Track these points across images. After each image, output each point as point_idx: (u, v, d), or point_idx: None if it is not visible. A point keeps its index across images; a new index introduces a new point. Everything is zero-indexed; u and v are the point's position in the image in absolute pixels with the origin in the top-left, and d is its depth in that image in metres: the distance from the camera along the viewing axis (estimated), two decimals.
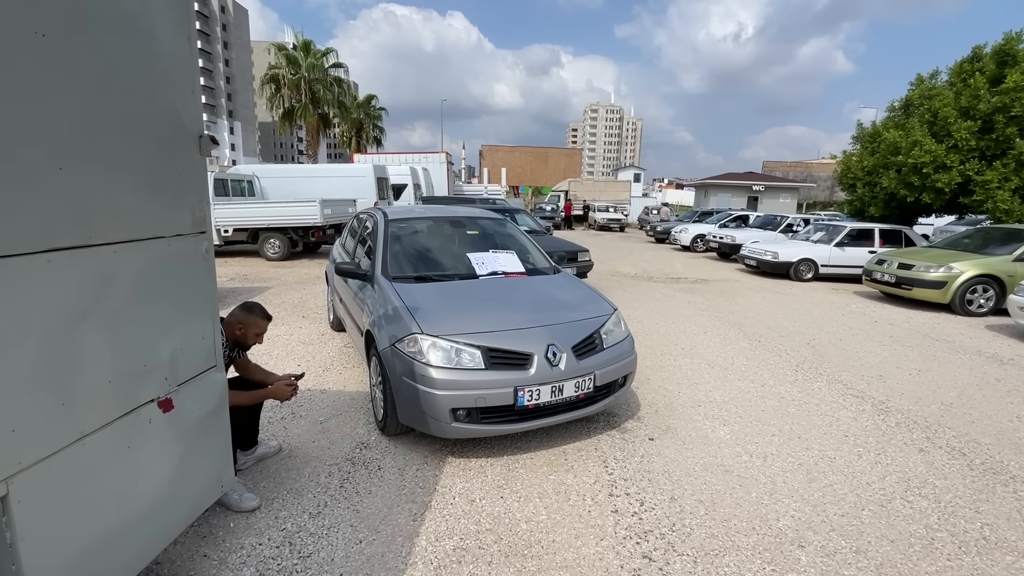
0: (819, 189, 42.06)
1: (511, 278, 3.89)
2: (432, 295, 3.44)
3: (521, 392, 2.89)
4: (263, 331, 2.78)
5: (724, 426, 3.68)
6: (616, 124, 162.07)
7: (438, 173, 24.05)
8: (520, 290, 3.68)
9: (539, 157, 46.81)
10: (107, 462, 1.53)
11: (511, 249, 4.31)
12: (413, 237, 4.25)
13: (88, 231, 1.43)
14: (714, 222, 18.07)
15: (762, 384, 4.57)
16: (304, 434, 3.42)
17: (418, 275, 3.75)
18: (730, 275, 11.75)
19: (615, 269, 12.09)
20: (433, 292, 3.49)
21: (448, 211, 4.96)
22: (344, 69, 28.65)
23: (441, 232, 4.42)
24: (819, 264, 10.90)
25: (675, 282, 10.53)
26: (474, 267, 3.88)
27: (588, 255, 8.69)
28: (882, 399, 4.31)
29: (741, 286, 10.17)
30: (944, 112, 10.20)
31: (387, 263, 3.82)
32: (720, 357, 5.33)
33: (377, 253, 3.93)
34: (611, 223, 27.20)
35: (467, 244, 4.31)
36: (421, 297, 3.36)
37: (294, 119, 25.91)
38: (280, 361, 4.83)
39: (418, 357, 2.90)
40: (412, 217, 4.50)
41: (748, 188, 32.95)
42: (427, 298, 3.37)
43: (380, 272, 3.73)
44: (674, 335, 6.20)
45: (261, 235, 12.13)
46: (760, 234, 14.25)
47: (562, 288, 3.85)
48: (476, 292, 3.55)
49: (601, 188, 36.00)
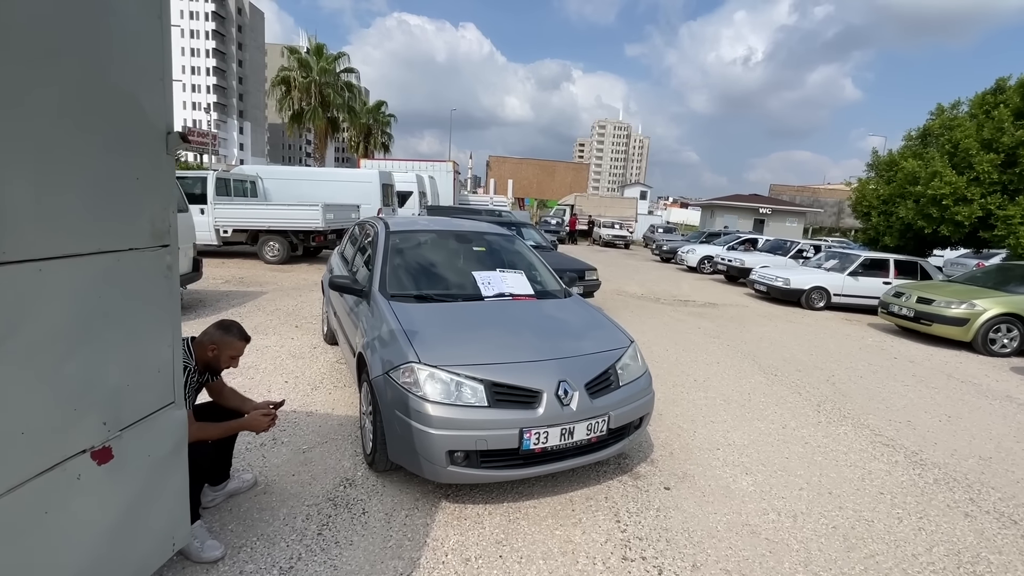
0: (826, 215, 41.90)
1: (519, 301, 3.58)
2: (433, 318, 3.13)
3: (527, 434, 2.57)
4: (239, 353, 2.47)
5: (746, 475, 3.35)
6: (623, 141, 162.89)
7: (444, 182, 23.91)
8: (529, 316, 3.37)
9: (546, 170, 46.75)
10: (14, 535, 1.22)
11: (519, 268, 4.02)
12: (416, 251, 3.96)
13: (1, 244, 1.13)
14: (722, 244, 17.80)
15: (783, 425, 4.24)
16: (284, 465, 3.09)
17: (419, 294, 3.44)
18: (739, 300, 11.43)
19: (621, 288, 11.79)
20: (434, 314, 3.19)
21: (454, 224, 4.68)
22: (355, 75, 28.69)
23: (446, 247, 4.12)
24: (832, 293, 10.58)
25: (683, 305, 10.22)
26: (480, 287, 3.57)
27: (596, 274, 8.39)
28: (915, 449, 3.97)
29: (751, 312, 9.85)
30: (966, 143, 9.96)
31: (386, 279, 3.52)
32: (736, 392, 5.00)
33: (376, 267, 3.64)
34: (616, 240, 26.96)
35: (473, 261, 4.01)
36: (420, 320, 3.05)
37: (303, 122, 25.83)
38: (267, 376, 4.51)
39: (413, 389, 2.58)
40: (416, 229, 4.21)
41: (755, 211, 32.77)
42: (427, 321, 3.06)
43: (377, 288, 3.43)
44: (686, 364, 5.87)
45: (261, 237, 11.87)
46: (769, 259, 13.95)
47: (574, 314, 3.54)
48: (481, 316, 3.25)
49: (607, 204, 35.78)
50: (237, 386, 4.35)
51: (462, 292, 3.58)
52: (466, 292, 3.59)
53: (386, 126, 37.03)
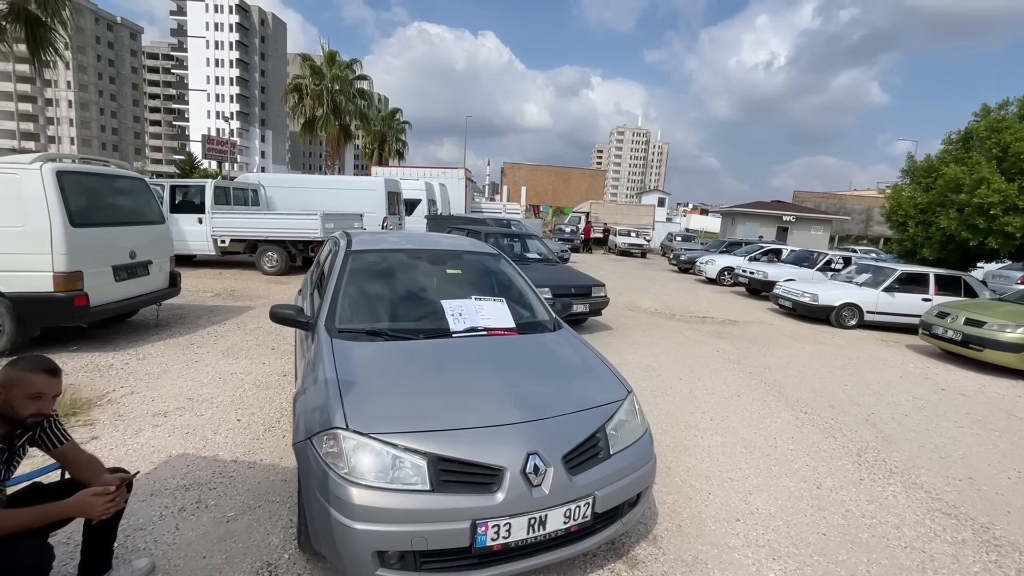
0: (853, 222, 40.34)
1: (495, 337, 2.98)
2: (381, 362, 2.54)
3: (483, 527, 1.95)
4: (43, 391, 1.77)
5: (775, 561, 2.67)
6: (642, 147, 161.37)
7: (456, 189, 23.48)
8: (503, 358, 2.76)
9: (562, 177, 46.07)
10: None
11: (501, 295, 3.41)
12: (378, 275, 3.38)
13: None
14: (743, 254, 16.93)
15: (818, 484, 3.53)
16: (198, 540, 2.52)
17: (372, 329, 2.86)
18: (762, 316, 10.62)
19: (634, 302, 11.08)
20: (384, 357, 2.60)
21: (429, 242, 4.09)
22: (368, 81, 28.56)
23: (415, 269, 3.53)
24: (864, 310, 9.71)
25: (701, 322, 9.47)
26: (448, 320, 2.98)
27: (603, 290, 7.74)
28: (984, 521, 3.23)
29: (775, 332, 9.05)
30: (1017, 147, 9.04)
31: (336, 309, 2.95)
32: (759, 436, 4.29)
33: (326, 295, 3.08)
34: (632, 248, 26.17)
35: (446, 287, 3.42)
36: (364, 365, 2.47)
37: (315, 129, 25.74)
38: (220, 412, 3.99)
39: (336, 465, 1.99)
40: (381, 248, 3.63)
41: (778, 218, 31.63)
42: (373, 367, 2.48)
43: (324, 322, 2.86)
44: (701, 397, 5.17)
45: (260, 247, 11.52)
46: (795, 271, 13.08)
47: (561, 356, 2.91)
48: (443, 359, 2.64)
49: (624, 211, 35.00)
50: (181, 426, 3.84)
51: (426, 326, 3.00)
52: (431, 326, 3.00)
53: (401, 133, 36.91)
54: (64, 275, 4.91)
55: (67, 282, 4.93)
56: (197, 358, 5.29)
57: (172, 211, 11.31)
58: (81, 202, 5.20)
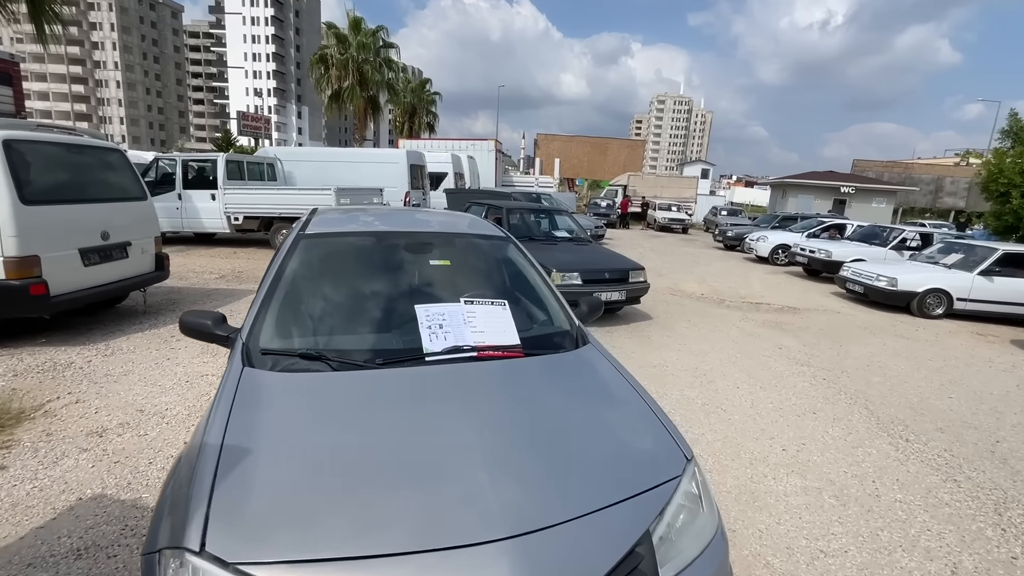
0: (920, 193, 36.80)
1: (489, 362, 2.04)
2: (300, 414, 1.66)
3: None
4: None
5: None
6: (684, 116, 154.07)
7: (486, 162, 22.43)
8: (494, 404, 1.81)
9: (598, 148, 43.87)
10: None
11: (505, 295, 2.47)
12: (332, 269, 2.49)
13: None
14: (800, 230, 15.28)
15: (953, 567, 2.49)
16: None
17: (307, 351, 1.97)
18: (826, 302, 9.27)
19: (676, 285, 9.92)
20: (308, 403, 1.71)
21: (410, 222, 3.12)
22: (396, 49, 27.47)
23: (387, 261, 2.60)
24: (955, 298, 8.24)
25: (755, 309, 8.26)
26: (422, 335, 2.06)
27: (643, 274, 6.67)
28: None
29: (845, 322, 7.76)
30: None
31: (262, 319, 2.09)
32: (852, 478, 3.25)
33: (258, 297, 2.22)
34: (673, 224, 24.53)
35: (428, 285, 2.50)
36: (273, 419, 1.60)
37: (342, 101, 24.99)
38: (171, 429, 3.27)
39: None
40: (343, 232, 2.72)
41: (835, 189, 29.03)
42: (284, 423, 1.60)
43: (245, 336, 2.01)
44: (766, 414, 4.13)
45: (274, 224, 10.95)
46: (863, 249, 11.50)
47: (582, 396, 1.95)
48: (399, 408, 1.73)
49: (664, 184, 32.97)
50: (114, 451, 2.92)
51: (389, 345, 2.10)
52: (397, 345, 2.11)
53: (431, 105, 35.83)
54: (16, 260, 4.28)
55: (20, 268, 4.31)
56: (170, 355, 4.62)
57: (185, 187, 10.87)
58: (37, 176, 4.55)
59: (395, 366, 1.93)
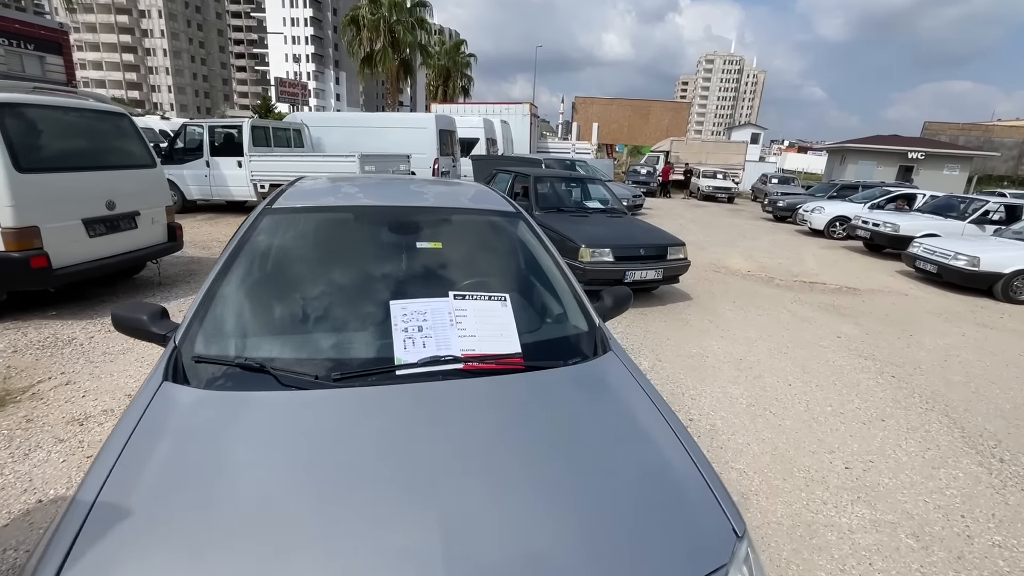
0: (1000, 159, 33.33)
1: (478, 380, 1.58)
2: (216, 455, 1.26)
3: None
4: None
5: None
6: (734, 77, 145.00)
7: (520, 127, 21.57)
8: (478, 446, 1.35)
9: (639, 111, 41.65)
10: None
11: (508, 286, 2.00)
12: (300, 251, 2.07)
13: None
14: (861, 200, 13.92)
15: None
16: None
17: (248, 360, 1.54)
18: (890, 283, 8.32)
19: (720, 260, 9.14)
20: (234, 440, 1.31)
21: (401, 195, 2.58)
22: (428, 10, 26.38)
23: (365, 242, 2.14)
24: None
25: (809, 289, 7.46)
26: (395, 339, 1.62)
27: (683, 251, 6.03)
28: None
29: (915, 307, 6.88)
30: None
31: (203, 316, 1.70)
32: (936, 510, 2.67)
33: (202, 289, 1.82)
34: (717, 192, 23.08)
35: (413, 274, 2.03)
36: (169, 468, 1.20)
37: (374, 64, 24.39)
38: None
39: None
40: (318, 206, 2.26)
41: (901, 155, 26.54)
42: (181, 476, 1.19)
43: (179, 337, 1.63)
44: (824, 420, 3.55)
45: None
46: (937, 223, 10.28)
47: (598, 433, 1.46)
48: (348, 450, 1.29)
49: (710, 150, 31.08)
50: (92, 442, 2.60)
51: (352, 354, 1.67)
52: (362, 354, 1.68)
53: (466, 68, 34.69)
54: (14, 232, 4.10)
55: (19, 240, 4.13)
56: None
57: (212, 154, 10.75)
58: (33, 142, 4.32)
59: (354, 383, 1.50)
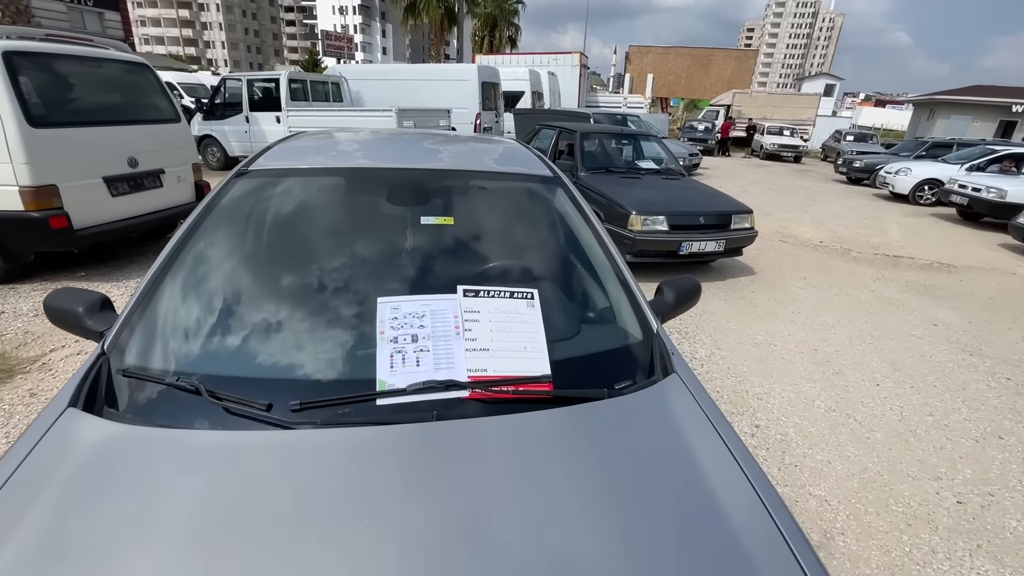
0: None
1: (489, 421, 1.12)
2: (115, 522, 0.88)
3: None
4: None
5: None
6: (807, 22, 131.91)
7: (568, 78, 20.27)
8: (491, 527, 0.91)
9: (699, 61, 38.44)
10: None
11: (537, 277, 1.52)
12: (273, 228, 1.63)
13: None
14: (956, 161, 12.22)
15: None
16: None
17: (186, 380, 1.15)
18: (994, 258, 7.19)
19: (786, 228, 8.20)
20: (134, 513, 0.92)
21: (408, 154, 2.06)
22: None
23: (358, 215, 1.68)
24: None
25: (893, 265, 6.53)
26: (379, 353, 1.18)
27: (749, 219, 5.30)
28: None
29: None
30: None
31: (145, 312, 1.33)
32: None
33: (144, 278, 1.44)
34: (783, 151, 21.16)
35: (413, 258, 1.56)
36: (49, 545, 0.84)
37: (417, 13, 23.40)
38: None
39: None
40: (302, 168, 1.79)
41: (1004, 108, 23.29)
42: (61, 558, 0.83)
43: (108, 341, 1.26)
44: (925, 435, 2.93)
45: None
46: None
47: (663, 505, 0.99)
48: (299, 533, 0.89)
49: (776, 103, 28.42)
50: None
51: (322, 374, 1.25)
52: (335, 373, 1.25)
53: (513, 16, 32.94)
54: (32, 190, 3.93)
55: (38, 199, 3.97)
56: None
57: (251, 109, 10.57)
58: (47, 94, 4.09)
59: (316, 419, 1.09)
